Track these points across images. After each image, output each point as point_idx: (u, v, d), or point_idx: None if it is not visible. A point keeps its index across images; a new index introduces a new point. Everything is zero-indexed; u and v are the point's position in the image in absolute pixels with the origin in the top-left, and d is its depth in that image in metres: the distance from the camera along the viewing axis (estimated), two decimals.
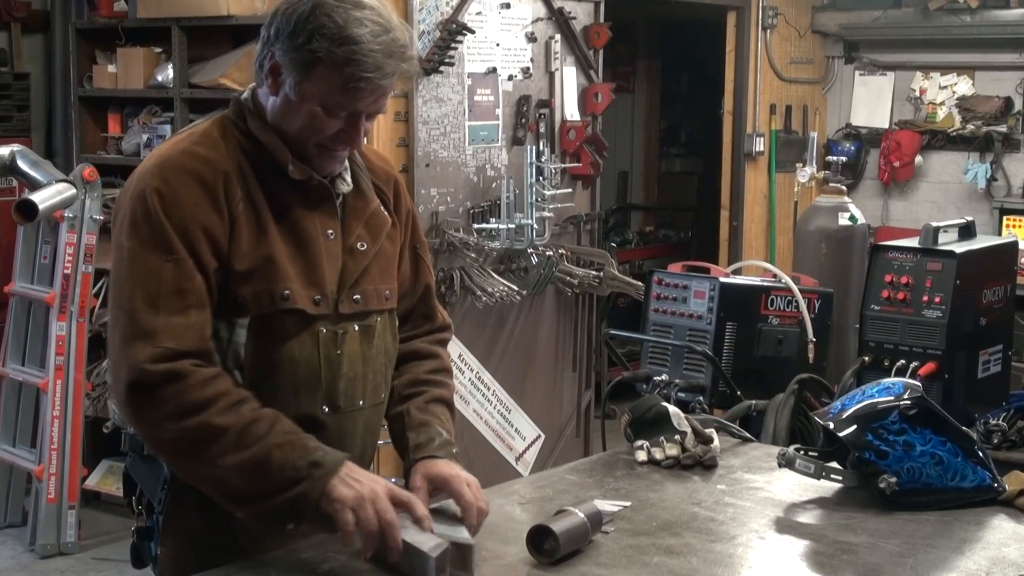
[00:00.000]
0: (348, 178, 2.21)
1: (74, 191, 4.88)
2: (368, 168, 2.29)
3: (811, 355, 4.12)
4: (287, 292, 2.08)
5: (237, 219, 2.06)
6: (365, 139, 2.23)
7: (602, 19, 5.83)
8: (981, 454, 2.52)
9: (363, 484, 2.01)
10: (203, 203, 2.04)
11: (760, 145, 7.41)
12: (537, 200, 5.24)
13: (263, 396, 2.08)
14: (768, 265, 4.56)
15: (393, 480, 2.11)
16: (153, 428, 2.02)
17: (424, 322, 2.43)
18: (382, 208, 2.26)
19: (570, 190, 5.62)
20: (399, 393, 2.33)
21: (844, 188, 5.82)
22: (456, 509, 2.13)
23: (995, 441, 3.66)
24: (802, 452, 2.54)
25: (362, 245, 2.20)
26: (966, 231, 4.03)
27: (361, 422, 2.23)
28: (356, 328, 2.19)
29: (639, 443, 2.73)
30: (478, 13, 5.27)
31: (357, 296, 2.18)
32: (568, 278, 5.58)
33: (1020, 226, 7.01)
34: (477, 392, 5.46)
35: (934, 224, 3.92)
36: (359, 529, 1.99)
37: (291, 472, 1.98)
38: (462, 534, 2.06)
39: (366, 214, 2.22)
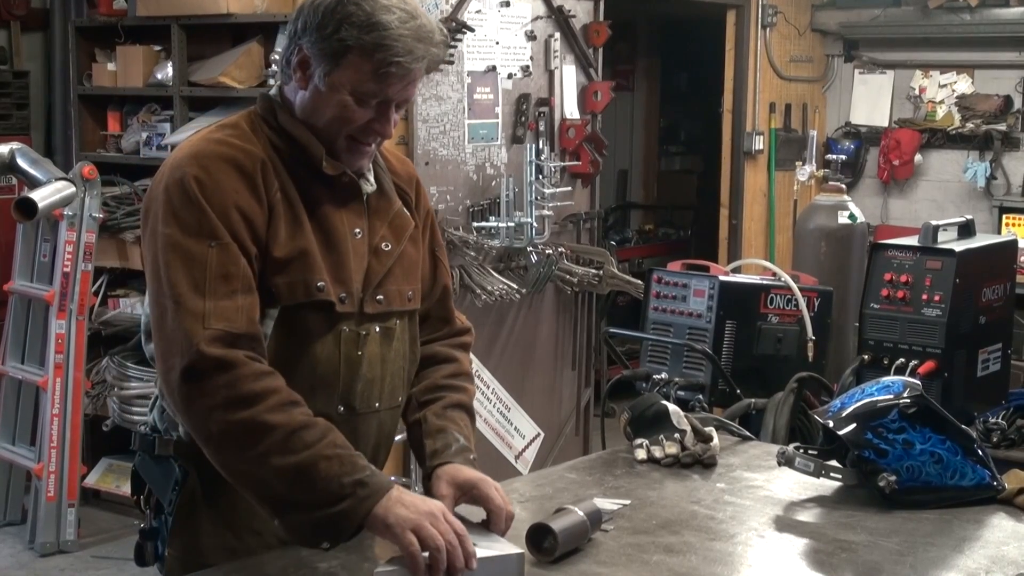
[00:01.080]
0: (371, 178, 2.20)
1: (73, 189, 4.87)
2: (390, 170, 2.28)
3: (810, 353, 4.12)
4: (322, 283, 2.07)
5: (275, 207, 2.06)
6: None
7: (602, 17, 5.83)
8: (980, 452, 2.52)
9: (418, 505, 1.95)
10: (242, 190, 2.03)
11: (760, 143, 7.41)
12: (537, 198, 5.25)
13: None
14: (768, 264, 4.56)
15: (393, 479, 2.10)
16: (202, 418, 1.96)
17: (442, 325, 2.41)
18: (404, 209, 2.26)
19: (569, 188, 5.62)
20: (417, 399, 2.30)
21: (843, 186, 5.82)
22: (483, 530, 2.08)
23: (994, 439, 3.67)
24: (801, 450, 2.54)
25: (387, 246, 2.19)
26: (965, 230, 4.03)
27: (375, 424, 2.22)
28: (377, 330, 2.18)
29: (639, 441, 2.73)
30: (478, 11, 5.26)
31: (380, 296, 2.17)
32: (568, 276, 5.58)
33: (1019, 224, 7.01)
34: (476, 391, 5.45)
35: (934, 223, 3.92)
36: (424, 550, 1.90)
37: (336, 487, 1.93)
38: (502, 543, 2.03)
39: (390, 215, 2.22)
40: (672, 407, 2.79)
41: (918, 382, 2.62)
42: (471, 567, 1.91)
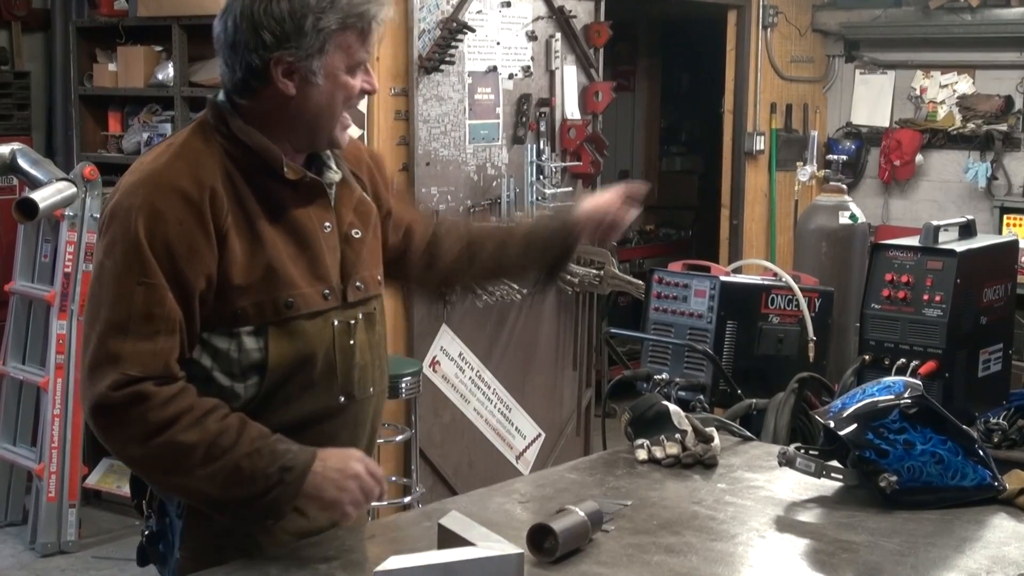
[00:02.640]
0: (334, 165, 2.22)
1: (74, 190, 4.87)
2: (343, 157, 2.29)
3: (811, 354, 4.12)
4: (291, 300, 2.09)
5: (227, 234, 2.04)
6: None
7: (602, 17, 5.83)
8: (981, 453, 2.52)
9: (342, 470, 2.07)
10: (188, 221, 2.01)
11: (760, 144, 7.41)
12: (537, 199, 5.25)
13: (283, 396, 2.10)
14: (768, 264, 4.56)
15: (393, 479, 2.12)
16: (121, 448, 2.04)
17: (432, 223, 2.53)
18: (365, 195, 2.29)
19: (570, 189, 5.62)
20: (477, 245, 2.48)
21: (844, 187, 5.81)
22: (482, 530, 2.08)
23: (995, 440, 3.66)
24: (802, 451, 2.54)
25: (356, 232, 2.23)
26: (966, 230, 4.03)
27: (371, 408, 2.28)
28: (361, 316, 2.22)
29: (639, 442, 2.73)
30: (478, 12, 5.27)
31: (359, 283, 2.22)
32: (568, 277, 5.58)
33: (1020, 225, 7.01)
34: (477, 391, 5.46)
35: (934, 223, 3.91)
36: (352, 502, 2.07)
37: (263, 480, 2.01)
38: (502, 543, 2.04)
39: (353, 201, 2.25)
40: (673, 407, 2.79)
41: (919, 382, 2.62)
42: (383, 495, 2.11)
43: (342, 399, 2.18)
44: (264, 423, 2.09)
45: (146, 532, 2.23)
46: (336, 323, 2.16)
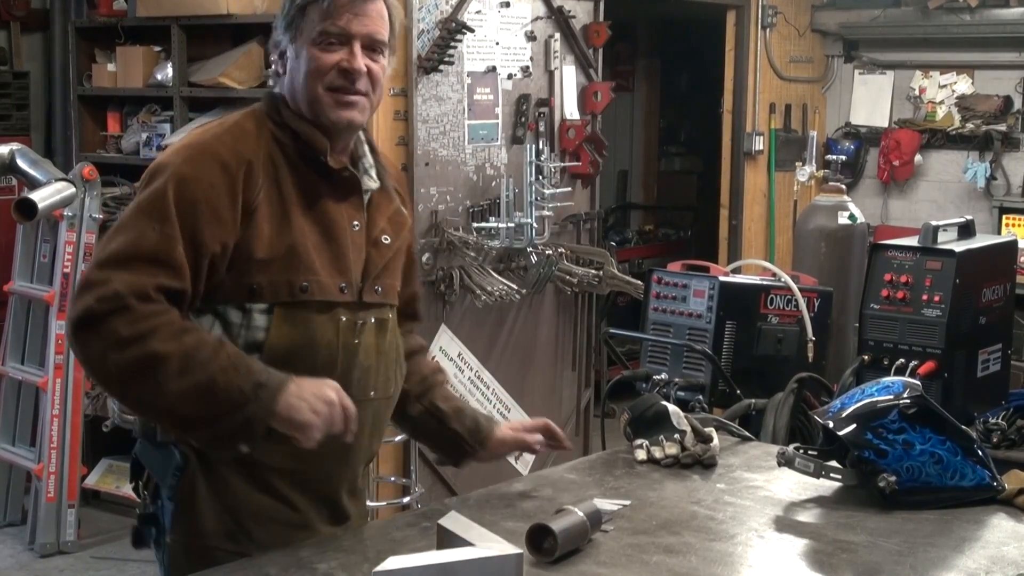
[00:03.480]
0: (375, 175, 2.29)
1: (73, 190, 4.87)
2: (387, 170, 2.37)
3: (810, 354, 4.12)
4: (306, 284, 2.14)
5: (257, 208, 2.12)
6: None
7: (601, 18, 5.82)
8: (980, 453, 2.52)
9: (317, 395, 2.10)
10: (219, 187, 2.10)
11: (759, 144, 7.41)
12: (536, 199, 5.24)
13: None
14: (768, 264, 4.56)
15: (392, 479, 2.12)
16: (99, 360, 2.05)
17: (410, 322, 2.53)
18: (402, 208, 2.36)
19: (569, 189, 5.62)
20: (414, 392, 2.46)
21: (843, 187, 5.81)
22: (482, 531, 2.09)
23: (994, 440, 3.67)
24: (801, 451, 2.54)
25: (386, 239, 2.28)
26: (965, 230, 4.03)
27: (371, 413, 2.28)
28: (373, 320, 2.25)
29: (638, 442, 2.73)
30: (478, 12, 5.26)
31: (379, 287, 2.26)
32: (567, 277, 5.58)
33: (1019, 225, 7.01)
34: (476, 391, 5.46)
35: (933, 223, 3.92)
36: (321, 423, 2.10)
37: (237, 395, 2.04)
38: (502, 544, 2.04)
39: (390, 211, 2.31)
40: (672, 407, 2.79)
41: (918, 383, 2.62)
42: (351, 430, 2.12)
43: None
44: None
45: (139, 512, 2.26)
46: (344, 319, 2.19)
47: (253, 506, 2.19)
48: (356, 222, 2.23)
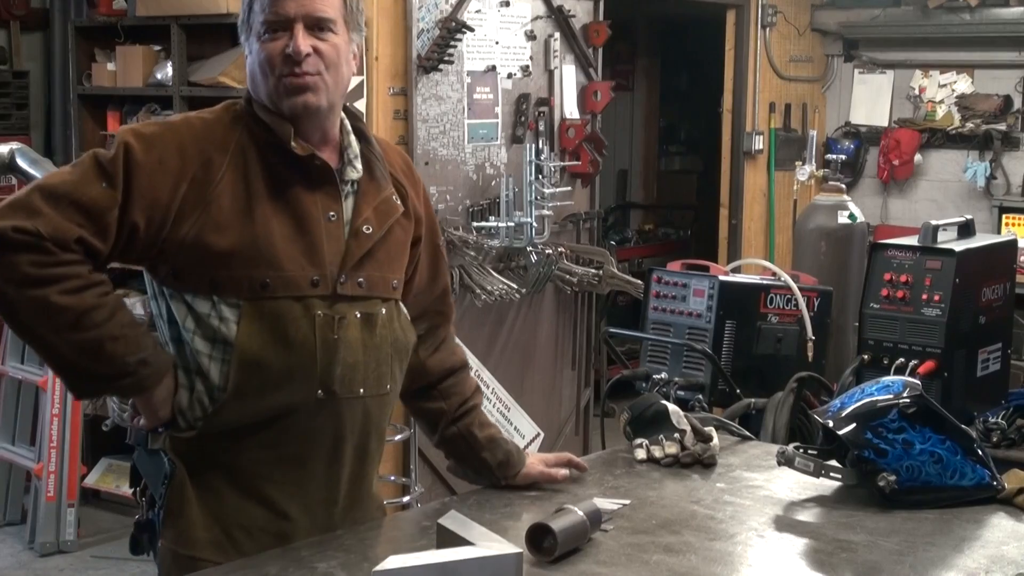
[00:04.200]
0: (359, 165, 2.25)
1: None
2: (388, 161, 2.33)
3: (810, 353, 4.12)
4: (267, 280, 2.11)
5: (213, 201, 2.10)
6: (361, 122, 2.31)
7: (601, 17, 5.83)
8: (980, 452, 2.52)
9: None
10: (169, 166, 2.10)
11: (759, 143, 7.41)
12: (536, 198, 5.24)
13: (256, 374, 2.12)
14: (767, 263, 4.56)
15: (392, 479, 2.11)
16: None
17: (443, 320, 2.48)
18: (395, 197, 2.29)
19: (569, 188, 5.62)
20: (451, 416, 2.46)
21: (843, 186, 5.81)
22: (481, 530, 2.09)
23: (994, 439, 3.66)
24: (801, 450, 2.54)
25: (367, 228, 2.22)
26: (965, 229, 4.04)
27: (360, 411, 2.23)
28: (358, 315, 2.20)
29: (638, 441, 2.73)
30: (477, 11, 5.26)
31: (361, 279, 2.20)
32: (567, 276, 5.58)
33: (1019, 224, 7.01)
34: None
35: (933, 222, 3.92)
36: None
37: (120, 365, 2.07)
38: (501, 543, 2.04)
39: (376, 200, 2.25)
40: (672, 407, 2.79)
41: (918, 382, 2.62)
42: None
43: (320, 393, 2.16)
44: (242, 410, 2.13)
45: (137, 519, 2.25)
46: (320, 313, 2.15)
47: (243, 516, 2.16)
48: (332, 212, 2.19)
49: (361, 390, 2.22)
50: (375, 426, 2.30)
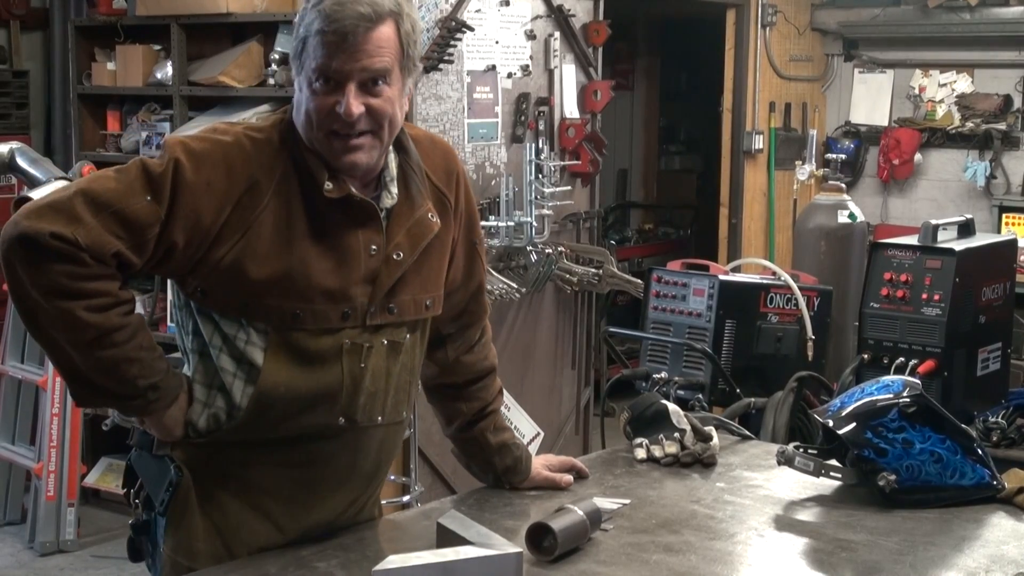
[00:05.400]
0: (394, 190, 2.17)
1: None
2: (428, 166, 2.24)
3: (810, 353, 4.13)
4: (298, 313, 2.07)
5: (252, 226, 2.04)
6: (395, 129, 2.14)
7: (601, 16, 5.82)
8: (980, 452, 2.52)
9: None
10: (217, 188, 2.03)
11: (759, 143, 7.41)
12: (536, 198, 5.24)
13: (279, 401, 2.09)
14: (767, 263, 4.57)
15: (393, 478, 2.11)
16: (20, 286, 1.99)
17: (477, 319, 2.44)
18: (431, 215, 2.20)
19: (569, 188, 5.62)
20: (471, 417, 2.46)
21: (843, 186, 5.82)
22: (481, 529, 2.09)
23: (994, 439, 3.67)
24: (801, 450, 2.54)
25: (398, 255, 2.14)
26: (965, 229, 4.04)
27: (378, 439, 2.22)
28: (385, 343, 2.16)
29: (638, 441, 2.73)
30: (477, 11, 5.26)
31: (393, 306, 2.16)
32: (567, 276, 5.58)
33: (1019, 224, 7.01)
34: None
35: (933, 222, 3.92)
36: None
37: (130, 388, 2.05)
38: (501, 543, 2.04)
39: (410, 221, 2.17)
40: (672, 406, 2.79)
41: (918, 381, 2.62)
42: None
43: (342, 421, 2.15)
44: (262, 434, 2.11)
45: (132, 523, 2.23)
46: (347, 343, 2.11)
47: (245, 531, 2.14)
48: (375, 246, 2.12)
49: (380, 418, 2.20)
50: (388, 453, 2.30)
